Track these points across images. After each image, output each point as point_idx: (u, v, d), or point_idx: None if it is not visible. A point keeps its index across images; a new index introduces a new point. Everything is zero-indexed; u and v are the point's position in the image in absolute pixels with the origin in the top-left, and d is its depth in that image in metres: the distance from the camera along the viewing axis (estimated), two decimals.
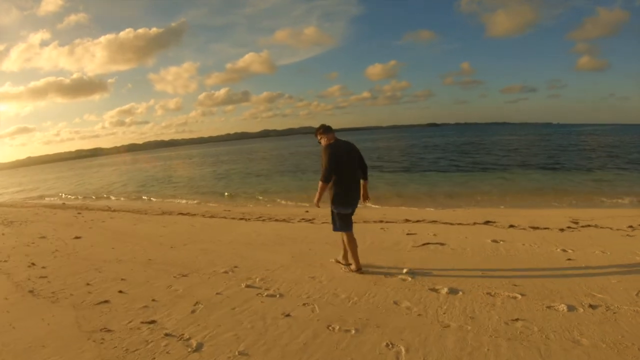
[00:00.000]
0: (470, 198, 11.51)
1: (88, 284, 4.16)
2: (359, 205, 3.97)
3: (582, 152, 25.01)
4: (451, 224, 6.73)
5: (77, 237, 7.16)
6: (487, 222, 6.70)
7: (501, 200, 10.88)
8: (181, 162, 47.17)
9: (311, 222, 8.15)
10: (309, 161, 30.20)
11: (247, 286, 3.87)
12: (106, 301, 3.62)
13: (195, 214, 10.07)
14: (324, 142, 3.84)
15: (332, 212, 3.88)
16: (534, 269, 3.95)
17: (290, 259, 4.84)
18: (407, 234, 5.93)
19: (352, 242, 3.96)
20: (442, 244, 5.07)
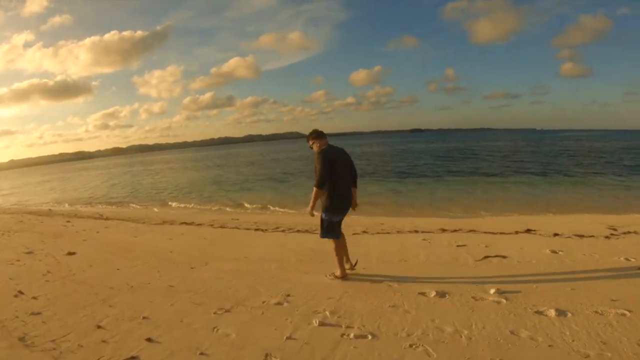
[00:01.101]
0: (491, 204, 10.98)
1: (99, 327, 3.08)
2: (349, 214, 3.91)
3: (577, 158, 24.88)
4: (493, 233, 6.22)
5: (70, 253, 5.99)
6: (528, 231, 6.25)
7: (526, 207, 10.33)
8: (169, 167, 45.40)
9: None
10: (299, 165, 29.23)
11: (321, 324, 2.96)
12: (134, 358, 2.56)
13: (200, 224, 8.97)
14: (316, 147, 3.76)
15: (322, 219, 3.77)
16: (611, 278, 3.70)
17: (347, 282, 3.95)
18: (457, 245, 5.30)
19: (339, 249, 3.90)
20: (503, 257, 4.57)
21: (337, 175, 3.63)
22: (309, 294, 3.65)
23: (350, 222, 8.67)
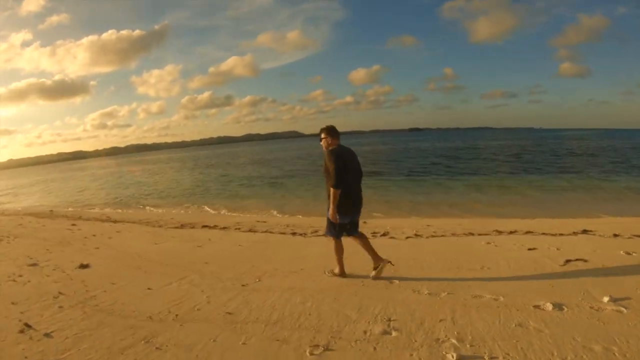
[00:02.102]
0: (524, 204, 10.46)
1: None
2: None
3: (589, 157, 24.05)
4: (552, 234, 5.76)
5: (83, 266, 4.91)
6: (584, 231, 5.85)
7: (561, 208, 9.66)
8: (171, 166, 44.16)
9: (393, 238, 6.22)
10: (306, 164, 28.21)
11: (461, 358, 2.33)
12: None
13: (225, 227, 7.91)
14: (326, 144, 3.64)
15: (327, 218, 3.63)
16: None
17: (449, 297, 3.26)
18: (528, 249, 4.79)
19: (339, 250, 3.82)
20: (584, 260, 4.16)
21: (349, 176, 3.53)
22: (412, 315, 2.94)
23: (395, 225, 7.73)
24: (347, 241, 3.92)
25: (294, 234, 6.90)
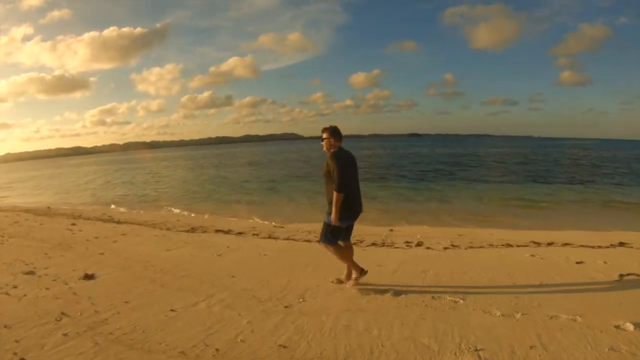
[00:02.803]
0: (540, 216, 10.00)
1: None
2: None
3: (594, 167, 23.61)
4: (590, 246, 5.54)
5: (87, 276, 4.19)
6: (621, 244, 5.70)
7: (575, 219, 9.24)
8: (175, 165, 43.30)
9: (429, 249, 5.70)
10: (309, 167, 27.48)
11: None
12: None
13: (242, 232, 7.23)
14: (327, 145, 3.44)
15: (325, 223, 3.45)
16: None
17: (520, 319, 2.88)
18: (576, 262, 4.50)
19: (344, 253, 3.59)
20: (637, 275, 3.94)
21: (352, 180, 3.41)
22: (498, 342, 2.52)
23: (425, 233, 7.06)
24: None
25: (360, 242, 6.22)
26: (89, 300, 3.44)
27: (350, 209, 3.40)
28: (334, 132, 3.45)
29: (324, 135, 3.47)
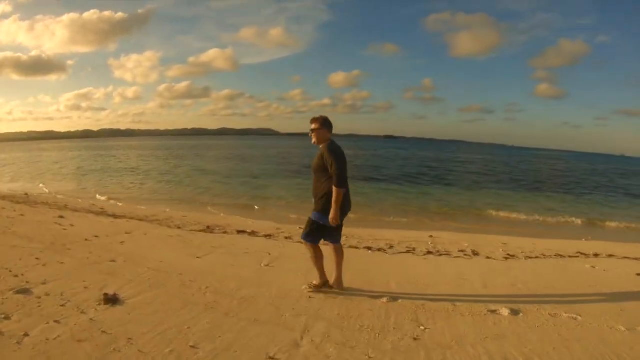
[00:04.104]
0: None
1: None
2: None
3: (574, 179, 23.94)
4: (634, 258, 5.52)
5: (109, 300, 2.91)
6: None
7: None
8: (156, 155, 40.75)
9: (489, 259, 5.18)
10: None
11: None
12: None
13: (270, 235, 6.09)
14: (318, 136, 3.09)
15: (313, 221, 3.11)
16: None
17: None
18: (637, 274, 4.39)
19: (320, 256, 3.22)
20: None
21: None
22: None
23: (472, 242, 6.36)
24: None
25: (369, 248, 5.26)
26: (132, 346, 2.24)
27: (343, 206, 3.03)
28: (324, 122, 3.10)
29: (314, 126, 3.09)
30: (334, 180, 2.93)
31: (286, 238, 5.85)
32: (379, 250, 5.44)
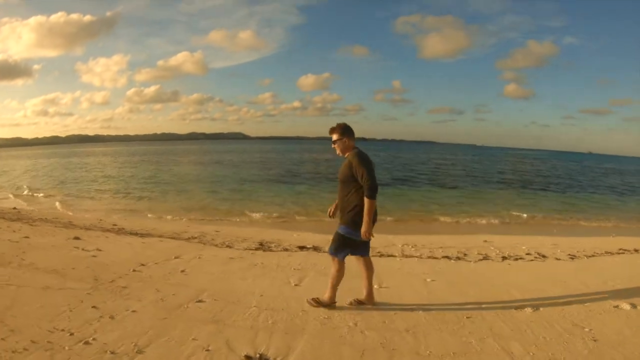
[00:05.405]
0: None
1: None
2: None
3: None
4: None
5: None
6: None
7: None
8: (142, 160, 38.08)
9: (558, 260, 4.99)
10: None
11: None
12: None
13: (317, 247, 5.13)
14: (342, 147, 2.86)
15: (341, 235, 2.82)
16: None
17: None
18: None
19: (342, 272, 2.87)
20: None
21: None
22: None
23: (524, 243, 6.07)
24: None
25: (448, 257, 4.53)
26: None
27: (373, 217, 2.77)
28: (344, 130, 2.85)
29: (335, 137, 2.86)
30: (366, 191, 2.66)
31: (379, 255, 4.96)
32: (457, 258, 5.03)
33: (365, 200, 2.67)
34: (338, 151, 2.89)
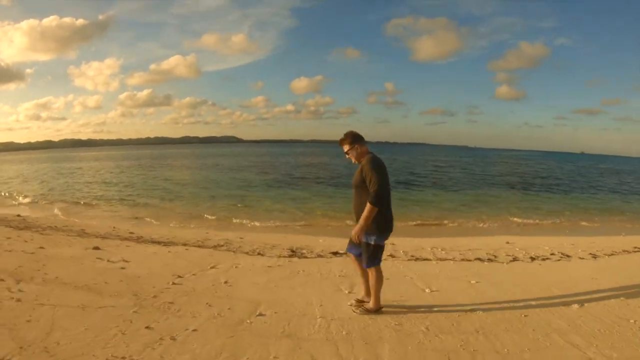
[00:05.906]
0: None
1: None
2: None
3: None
4: None
5: None
6: None
7: None
8: (121, 165, 37.29)
9: (582, 259, 5.02)
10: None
11: None
12: None
13: (398, 256, 4.85)
14: (356, 154, 2.80)
15: (370, 244, 2.72)
16: None
17: None
18: None
19: (381, 276, 2.83)
20: None
21: (389, 190, 2.75)
22: None
23: (544, 244, 5.94)
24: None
25: (480, 259, 4.27)
26: None
27: (391, 221, 2.78)
28: (353, 138, 2.81)
29: (346, 147, 2.82)
30: (370, 197, 2.61)
31: (416, 259, 4.71)
32: (489, 260, 4.94)
33: (368, 205, 2.61)
34: (354, 160, 2.84)
